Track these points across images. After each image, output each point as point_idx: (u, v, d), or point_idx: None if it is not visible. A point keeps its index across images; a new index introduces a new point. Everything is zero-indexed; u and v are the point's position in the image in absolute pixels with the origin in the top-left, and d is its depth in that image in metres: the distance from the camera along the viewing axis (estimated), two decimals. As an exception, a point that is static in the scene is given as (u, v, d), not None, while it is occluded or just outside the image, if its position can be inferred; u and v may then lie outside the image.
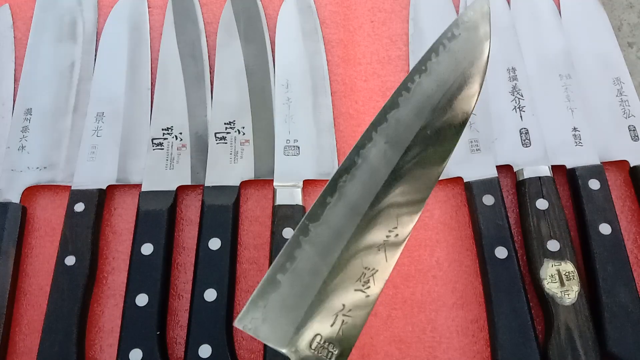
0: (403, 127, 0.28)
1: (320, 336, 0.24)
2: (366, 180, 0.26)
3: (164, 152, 0.46)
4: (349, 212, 0.26)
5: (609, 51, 0.50)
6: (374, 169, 0.27)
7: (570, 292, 0.38)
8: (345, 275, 0.25)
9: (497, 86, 0.48)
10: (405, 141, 0.27)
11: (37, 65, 0.51)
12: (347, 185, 0.26)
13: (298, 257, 0.25)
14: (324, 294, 0.24)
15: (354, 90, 0.50)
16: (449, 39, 0.29)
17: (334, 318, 0.24)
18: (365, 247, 0.25)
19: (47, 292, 0.41)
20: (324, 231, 0.25)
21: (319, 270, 0.24)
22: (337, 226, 0.25)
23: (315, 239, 0.25)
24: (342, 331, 0.24)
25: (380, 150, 0.27)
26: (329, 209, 0.25)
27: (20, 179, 0.46)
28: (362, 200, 0.26)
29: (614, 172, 0.46)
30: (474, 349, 0.41)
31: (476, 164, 0.45)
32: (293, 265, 0.24)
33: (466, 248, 0.44)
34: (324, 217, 0.25)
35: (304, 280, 0.24)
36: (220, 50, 0.51)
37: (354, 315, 0.24)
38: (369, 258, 0.25)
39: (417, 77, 0.29)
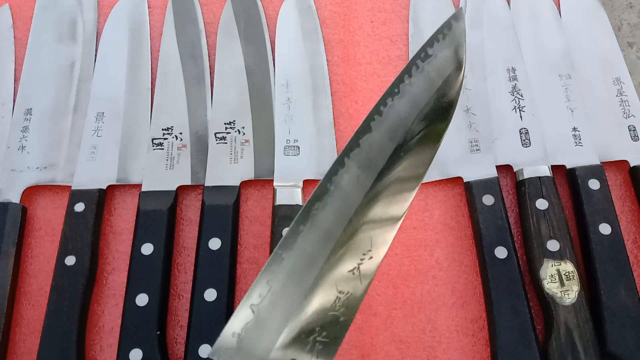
0: (376, 150, 0.27)
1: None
2: (339, 206, 0.26)
3: (164, 152, 0.46)
4: (322, 239, 0.26)
5: (609, 51, 0.50)
6: (346, 194, 0.26)
7: (570, 292, 0.38)
8: (318, 301, 0.25)
9: (497, 86, 0.48)
10: (378, 165, 0.27)
11: (37, 65, 0.51)
12: (319, 213, 0.26)
13: (271, 286, 0.25)
14: (298, 320, 0.24)
15: (354, 90, 0.50)
16: (422, 59, 0.29)
17: (309, 342, 0.24)
18: (339, 272, 0.25)
19: (47, 292, 0.41)
20: (297, 259, 0.25)
21: (293, 297, 0.25)
22: (310, 254, 0.25)
23: (288, 266, 0.25)
24: (317, 354, 0.24)
25: (353, 175, 0.27)
26: (302, 236, 0.25)
27: (20, 179, 0.46)
28: (335, 226, 0.26)
29: (614, 172, 0.46)
30: (474, 349, 0.41)
31: (476, 164, 0.45)
32: (267, 292, 0.24)
33: (466, 248, 0.44)
34: (296, 245, 0.25)
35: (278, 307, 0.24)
36: (220, 50, 0.51)
37: (328, 339, 0.24)
38: (342, 282, 0.25)
39: (389, 100, 0.28)
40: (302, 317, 0.24)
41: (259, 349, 0.24)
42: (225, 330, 0.24)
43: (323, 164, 0.46)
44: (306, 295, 0.25)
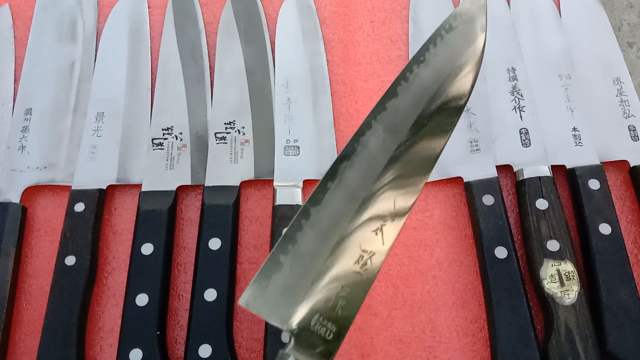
0: (401, 115, 0.28)
1: (320, 314, 0.25)
2: (365, 167, 0.27)
3: (164, 152, 0.46)
4: (348, 197, 0.26)
5: (609, 51, 0.50)
6: (372, 156, 0.27)
7: (570, 292, 0.38)
8: (343, 258, 0.25)
9: (497, 86, 0.48)
10: (403, 130, 0.28)
11: (37, 65, 0.51)
12: (346, 172, 0.27)
13: (299, 239, 0.25)
14: (323, 274, 0.25)
15: (354, 90, 0.50)
16: (446, 30, 0.30)
17: (333, 298, 0.25)
18: (363, 231, 0.26)
19: (47, 292, 0.41)
20: (324, 215, 0.26)
21: (319, 252, 0.25)
22: (337, 210, 0.26)
23: (316, 222, 0.26)
24: (339, 310, 0.25)
25: (379, 138, 0.28)
26: (329, 193, 0.26)
27: (20, 179, 0.46)
28: (360, 186, 0.27)
29: (614, 172, 0.46)
30: (474, 349, 0.41)
31: (476, 164, 0.45)
32: (294, 247, 0.25)
33: (466, 248, 0.44)
34: (324, 202, 0.26)
35: (304, 262, 0.25)
36: (220, 50, 0.51)
37: (351, 296, 0.25)
38: (366, 241, 0.26)
39: (415, 68, 0.29)
40: (327, 272, 0.25)
41: (286, 302, 0.25)
42: (255, 280, 0.25)
43: (323, 164, 0.46)
44: (331, 251, 0.25)
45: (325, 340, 0.24)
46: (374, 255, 0.26)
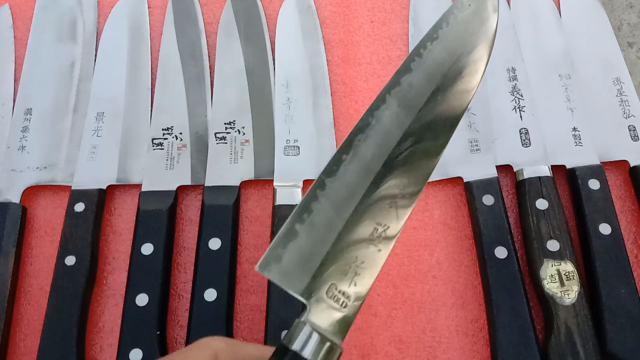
0: (415, 91, 0.28)
1: (335, 285, 0.25)
2: (380, 140, 0.27)
3: (164, 152, 0.46)
4: (363, 170, 0.27)
5: (609, 51, 0.50)
6: (387, 130, 0.27)
7: (570, 292, 0.38)
8: (358, 230, 0.26)
9: (497, 86, 0.48)
10: (416, 105, 0.28)
11: (37, 65, 0.51)
12: (361, 145, 0.27)
13: (314, 209, 0.26)
14: (339, 246, 0.25)
15: (354, 90, 0.50)
16: (459, 9, 0.30)
17: (348, 269, 0.25)
18: (377, 204, 0.26)
19: (47, 292, 0.41)
20: (339, 186, 0.26)
21: (334, 223, 0.25)
22: (351, 183, 0.26)
23: (331, 193, 0.26)
24: (355, 282, 0.25)
25: (393, 112, 0.28)
26: (344, 165, 0.26)
27: (20, 179, 0.46)
28: (375, 159, 0.27)
29: (614, 172, 0.46)
30: (474, 349, 0.41)
31: (476, 164, 0.45)
32: (310, 217, 0.25)
33: (466, 248, 0.44)
34: (339, 173, 0.26)
35: (319, 232, 0.25)
36: (220, 50, 0.51)
37: (366, 268, 0.25)
38: (381, 214, 0.26)
39: (428, 45, 0.29)
40: (342, 243, 0.25)
41: (301, 270, 0.25)
42: (271, 248, 0.25)
43: (323, 164, 0.46)
44: (346, 222, 0.26)
45: (340, 311, 0.25)
46: (388, 228, 0.26)
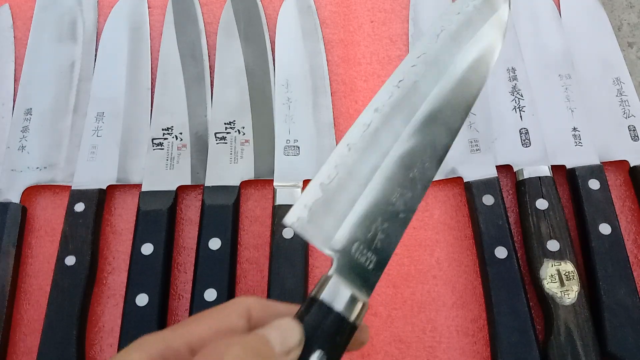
0: (440, 56, 0.29)
1: (360, 243, 0.25)
2: (407, 103, 0.28)
3: (164, 152, 0.46)
4: (391, 133, 0.27)
5: (609, 51, 0.49)
6: (415, 89, 0.28)
7: (570, 292, 0.38)
8: (381, 191, 0.26)
9: (497, 86, 0.48)
10: (442, 68, 0.29)
11: (37, 65, 0.51)
12: (389, 107, 0.28)
13: (341, 166, 0.26)
14: (363, 204, 0.26)
15: (354, 90, 0.50)
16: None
17: (372, 229, 0.25)
18: (399, 170, 0.27)
19: (47, 292, 0.41)
20: (366, 147, 0.27)
21: (359, 182, 0.26)
22: (378, 144, 0.27)
23: (358, 153, 0.27)
24: (378, 242, 0.25)
25: (420, 70, 0.28)
26: (373, 126, 0.27)
27: (20, 179, 0.46)
28: (400, 126, 0.27)
29: (614, 172, 0.46)
30: (474, 349, 0.41)
31: (476, 164, 0.45)
32: (338, 172, 0.26)
33: (466, 248, 0.44)
34: (366, 133, 0.27)
35: (345, 190, 0.26)
36: (220, 50, 0.51)
37: (389, 231, 0.26)
38: (402, 180, 0.26)
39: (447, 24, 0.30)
40: (366, 203, 0.26)
41: (327, 224, 0.25)
42: (299, 201, 0.26)
43: (323, 164, 0.46)
44: (370, 183, 0.26)
45: (365, 269, 0.25)
46: (410, 196, 0.26)
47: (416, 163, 0.27)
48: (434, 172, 0.27)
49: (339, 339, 0.23)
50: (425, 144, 0.27)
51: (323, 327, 0.23)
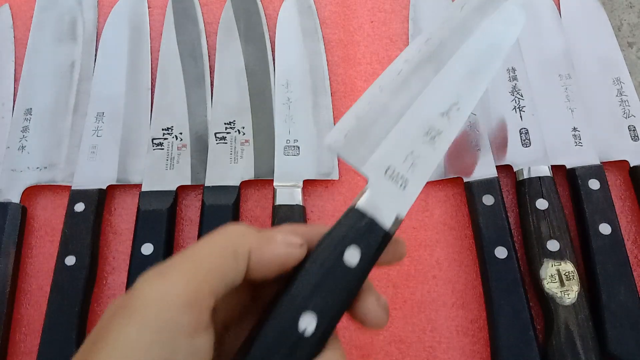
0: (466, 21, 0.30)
1: (393, 168, 0.26)
2: (433, 65, 0.28)
3: (164, 152, 0.46)
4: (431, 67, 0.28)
5: (609, 51, 0.49)
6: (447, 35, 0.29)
7: (570, 292, 0.38)
8: (413, 125, 0.27)
9: (497, 86, 0.48)
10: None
11: (37, 65, 0.51)
12: (425, 48, 0.29)
13: (376, 96, 0.28)
14: (396, 132, 0.27)
15: (354, 90, 0.50)
16: None
17: (405, 157, 0.27)
18: (431, 108, 0.28)
19: (47, 292, 0.41)
20: (405, 79, 0.28)
21: (391, 119, 0.27)
22: (410, 90, 0.28)
23: (397, 84, 0.28)
24: (411, 170, 0.26)
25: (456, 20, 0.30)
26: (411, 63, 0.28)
27: (20, 179, 0.46)
28: (432, 76, 0.28)
29: (614, 172, 0.46)
30: (474, 349, 0.41)
31: (476, 164, 0.44)
32: (370, 108, 0.27)
33: (466, 248, 0.44)
34: (407, 65, 0.28)
35: (377, 124, 0.27)
36: (220, 50, 0.51)
37: (421, 162, 0.27)
38: (434, 118, 0.27)
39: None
40: (399, 133, 0.27)
41: (361, 150, 0.27)
42: (336, 127, 0.27)
43: (323, 164, 0.46)
44: (402, 117, 0.27)
45: (398, 189, 0.26)
46: (441, 133, 0.27)
47: (447, 106, 0.28)
48: (467, 112, 0.28)
49: (372, 241, 0.24)
50: (455, 90, 0.28)
51: (357, 228, 0.24)
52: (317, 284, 0.23)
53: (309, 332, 0.23)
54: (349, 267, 0.24)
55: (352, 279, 0.24)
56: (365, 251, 0.24)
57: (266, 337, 0.23)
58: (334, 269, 0.24)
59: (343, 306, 0.24)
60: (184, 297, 0.21)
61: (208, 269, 0.22)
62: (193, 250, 0.23)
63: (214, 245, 0.23)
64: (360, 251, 0.24)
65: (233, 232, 0.24)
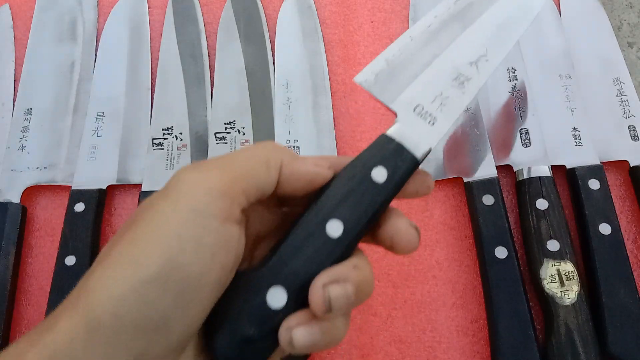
0: None
1: (422, 106, 0.27)
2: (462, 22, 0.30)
3: (164, 152, 0.46)
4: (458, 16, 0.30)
5: (609, 51, 0.49)
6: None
7: (570, 292, 0.38)
8: (442, 71, 0.28)
9: (497, 86, 0.48)
10: None
11: (37, 65, 0.51)
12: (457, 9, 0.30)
13: (400, 49, 0.29)
14: (426, 78, 0.28)
15: (354, 90, 0.50)
16: None
17: (434, 97, 0.28)
18: (460, 58, 0.29)
19: (47, 292, 0.41)
20: (428, 41, 0.29)
21: (422, 60, 0.29)
22: (440, 42, 0.29)
23: (417, 42, 0.29)
24: (440, 110, 0.27)
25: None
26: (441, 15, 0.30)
27: (20, 179, 0.46)
28: (461, 32, 0.29)
29: (614, 172, 0.46)
30: (474, 349, 0.41)
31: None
32: (401, 54, 0.29)
33: (466, 248, 0.44)
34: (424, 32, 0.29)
35: (407, 69, 0.28)
36: (220, 50, 0.51)
37: (450, 103, 0.28)
38: (463, 66, 0.28)
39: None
40: (428, 77, 0.28)
41: (391, 89, 0.28)
42: (367, 67, 0.29)
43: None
44: (431, 64, 0.28)
45: (427, 125, 0.27)
46: (470, 80, 0.28)
47: (476, 57, 0.29)
48: (495, 63, 0.29)
49: (399, 162, 0.25)
50: (484, 44, 0.29)
51: (385, 150, 0.26)
52: (344, 195, 0.24)
53: (335, 236, 0.24)
54: (375, 182, 0.25)
55: (378, 194, 0.25)
56: (392, 172, 0.25)
57: (295, 238, 0.24)
58: (361, 183, 0.25)
59: (369, 218, 0.25)
60: (217, 186, 0.22)
61: (241, 170, 0.23)
62: (229, 155, 0.24)
63: (248, 153, 0.25)
64: (387, 171, 0.25)
65: (266, 146, 0.25)
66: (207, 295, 0.22)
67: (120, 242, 0.22)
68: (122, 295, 0.20)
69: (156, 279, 0.20)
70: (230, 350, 0.23)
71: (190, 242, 0.21)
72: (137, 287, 0.20)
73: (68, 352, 0.20)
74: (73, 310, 0.21)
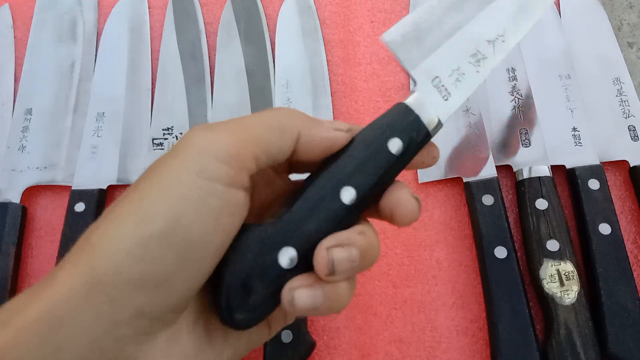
0: None
1: (439, 79, 0.28)
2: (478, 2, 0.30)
3: (165, 152, 0.46)
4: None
5: (609, 51, 0.50)
6: None
7: (570, 292, 0.38)
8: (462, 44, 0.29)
9: (497, 86, 0.48)
10: None
11: (37, 65, 0.51)
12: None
13: (432, 7, 0.29)
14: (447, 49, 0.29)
15: (354, 90, 0.50)
16: None
17: (452, 71, 0.28)
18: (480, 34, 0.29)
19: (47, 292, 0.41)
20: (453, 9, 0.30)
21: (446, 27, 0.29)
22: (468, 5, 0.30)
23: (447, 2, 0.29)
24: (456, 84, 0.28)
25: None
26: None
27: (20, 179, 0.46)
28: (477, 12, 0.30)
29: (614, 172, 0.46)
30: (474, 349, 0.41)
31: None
32: (428, 18, 0.29)
33: (466, 248, 0.44)
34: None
35: (432, 35, 0.29)
36: (220, 50, 0.51)
37: (464, 80, 0.28)
38: (481, 43, 0.29)
39: None
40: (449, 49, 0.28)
41: (414, 54, 0.28)
42: (396, 26, 0.29)
43: (323, 164, 0.46)
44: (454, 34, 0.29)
45: (440, 100, 0.28)
46: (485, 59, 0.29)
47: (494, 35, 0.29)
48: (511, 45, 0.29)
49: (414, 134, 0.26)
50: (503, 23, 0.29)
51: (404, 123, 0.26)
52: (360, 164, 0.25)
53: (347, 203, 0.24)
54: (391, 153, 0.26)
55: (393, 165, 0.26)
56: (408, 144, 0.26)
57: (308, 200, 0.24)
58: (377, 153, 0.25)
59: (380, 187, 0.25)
60: (226, 149, 0.22)
61: (254, 135, 0.24)
62: (242, 118, 0.25)
63: (263, 118, 0.25)
64: (402, 143, 0.26)
65: (283, 112, 0.26)
66: (209, 256, 0.22)
67: (126, 199, 0.22)
68: (125, 250, 0.20)
69: (159, 237, 0.21)
70: (234, 301, 0.23)
71: (194, 203, 0.21)
72: (141, 243, 0.20)
73: (67, 307, 0.20)
74: (75, 265, 0.21)
